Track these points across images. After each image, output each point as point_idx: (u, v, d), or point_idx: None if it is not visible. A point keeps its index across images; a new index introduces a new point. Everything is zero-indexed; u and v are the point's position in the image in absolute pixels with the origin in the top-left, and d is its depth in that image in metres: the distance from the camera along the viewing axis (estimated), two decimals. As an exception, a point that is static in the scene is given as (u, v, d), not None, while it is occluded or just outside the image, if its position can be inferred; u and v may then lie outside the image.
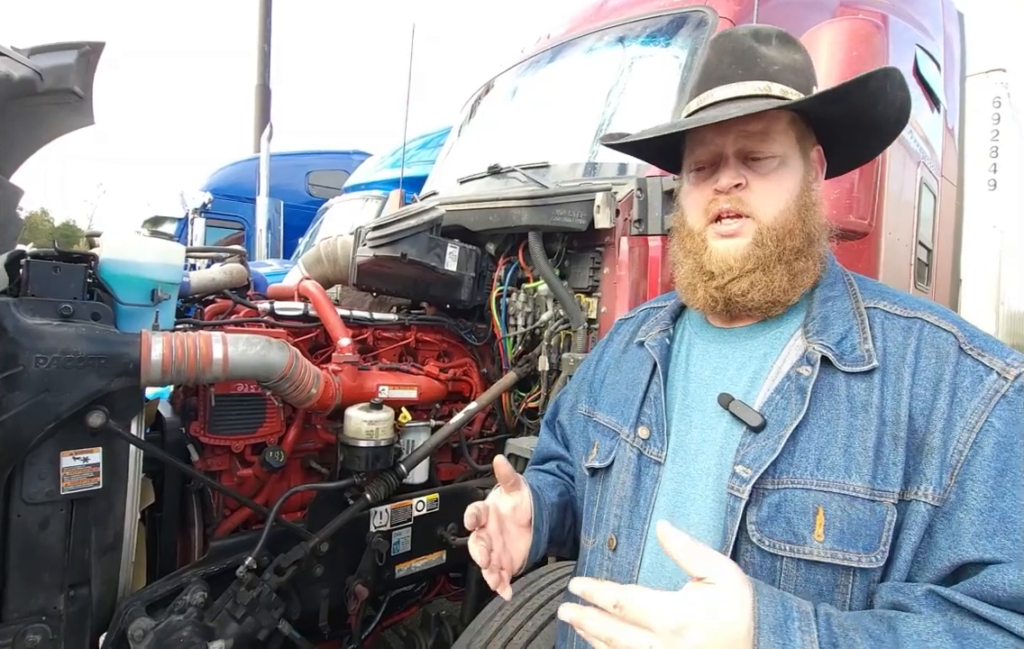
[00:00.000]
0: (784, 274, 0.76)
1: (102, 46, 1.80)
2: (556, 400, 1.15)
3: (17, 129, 1.74)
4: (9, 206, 1.56)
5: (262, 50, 11.51)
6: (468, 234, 2.07)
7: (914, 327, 0.72)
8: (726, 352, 0.82)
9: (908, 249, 3.01)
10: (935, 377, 0.68)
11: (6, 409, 1.05)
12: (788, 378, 0.73)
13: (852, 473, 0.66)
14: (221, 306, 1.70)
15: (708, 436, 0.77)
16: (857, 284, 0.81)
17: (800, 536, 0.66)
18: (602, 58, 2.26)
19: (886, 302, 0.76)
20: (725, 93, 0.79)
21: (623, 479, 0.83)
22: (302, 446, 1.71)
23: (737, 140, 0.77)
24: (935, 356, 0.69)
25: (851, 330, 0.74)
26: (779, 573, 0.67)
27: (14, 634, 1.10)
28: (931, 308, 0.74)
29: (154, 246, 1.33)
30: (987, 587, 0.58)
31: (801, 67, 0.81)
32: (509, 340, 2.02)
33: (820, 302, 0.78)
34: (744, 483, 0.69)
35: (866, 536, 0.64)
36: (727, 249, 0.77)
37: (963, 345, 0.69)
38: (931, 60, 3.22)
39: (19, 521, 1.11)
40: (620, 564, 0.80)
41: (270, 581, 1.40)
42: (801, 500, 0.67)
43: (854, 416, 0.68)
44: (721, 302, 0.79)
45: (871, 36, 1.39)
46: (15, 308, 1.09)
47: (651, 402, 0.84)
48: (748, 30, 0.81)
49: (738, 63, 0.79)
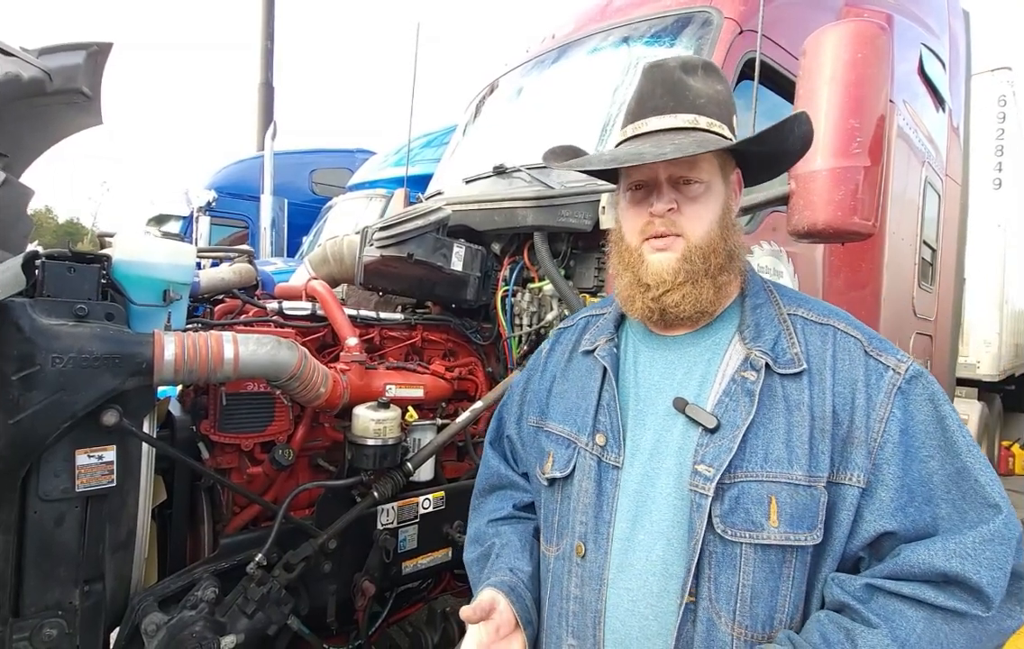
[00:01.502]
0: (710, 287, 0.86)
1: (110, 47, 1.81)
2: (497, 416, 1.17)
3: (26, 129, 1.76)
4: (19, 206, 1.58)
5: (265, 47, 11.51)
6: (473, 234, 2.08)
7: (828, 333, 0.84)
8: (672, 359, 0.90)
9: (912, 249, 3.01)
10: (851, 378, 0.80)
11: (23, 408, 1.07)
12: (734, 382, 0.83)
13: (794, 464, 0.77)
14: (230, 306, 1.72)
15: (664, 438, 0.84)
16: (777, 292, 0.92)
17: (758, 523, 0.76)
18: (607, 58, 2.27)
19: (803, 309, 0.88)
20: (659, 123, 0.87)
21: (585, 486, 0.88)
22: (310, 444, 1.73)
23: (669, 167, 0.86)
24: (848, 359, 0.82)
25: (780, 335, 0.85)
26: (739, 558, 0.76)
27: (31, 628, 1.12)
28: (839, 315, 0.87)
29: (166, 247, 1.35)
30: (905, 566, 0.73)
31: (723, 99, 0.90)
32: (514, 339, 2.04)
33: (751, 310, 0.88)
34: (708, 481, 0.77)
35: (809, 518, 0.76)
36: (660, 262, 0.86)
37: (866, 348, 0.82)
38: (936, 59, 3.22)
39: (35, 518, 1.13)
40: (590, 570, 0.85)
41: (279, 577, 1.42)
42: (756, 492, 0.76)
43: (790, 414, 0.79)
44: (657, 312, 0.87)
45: (876, 38, 1.39)
46: (31, 309, 1.10)
47: (605, 409, 0.90)
48: (678, 62, 0.90)
49: (669, 94, 0.87)
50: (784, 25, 2.09)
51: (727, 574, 0.76)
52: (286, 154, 7.04)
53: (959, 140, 3.79)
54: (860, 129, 1.36)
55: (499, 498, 1.11)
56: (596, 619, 0.83)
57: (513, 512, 1.07)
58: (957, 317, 4.13)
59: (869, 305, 2.62)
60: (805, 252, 2.19)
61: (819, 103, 1.40)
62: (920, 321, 3.21)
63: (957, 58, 3.63)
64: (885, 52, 1.42)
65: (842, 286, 2.42)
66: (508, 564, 0.97)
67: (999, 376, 5.72)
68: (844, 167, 1.37)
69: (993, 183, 5.54)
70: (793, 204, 1.46)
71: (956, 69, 3.62)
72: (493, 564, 0.99)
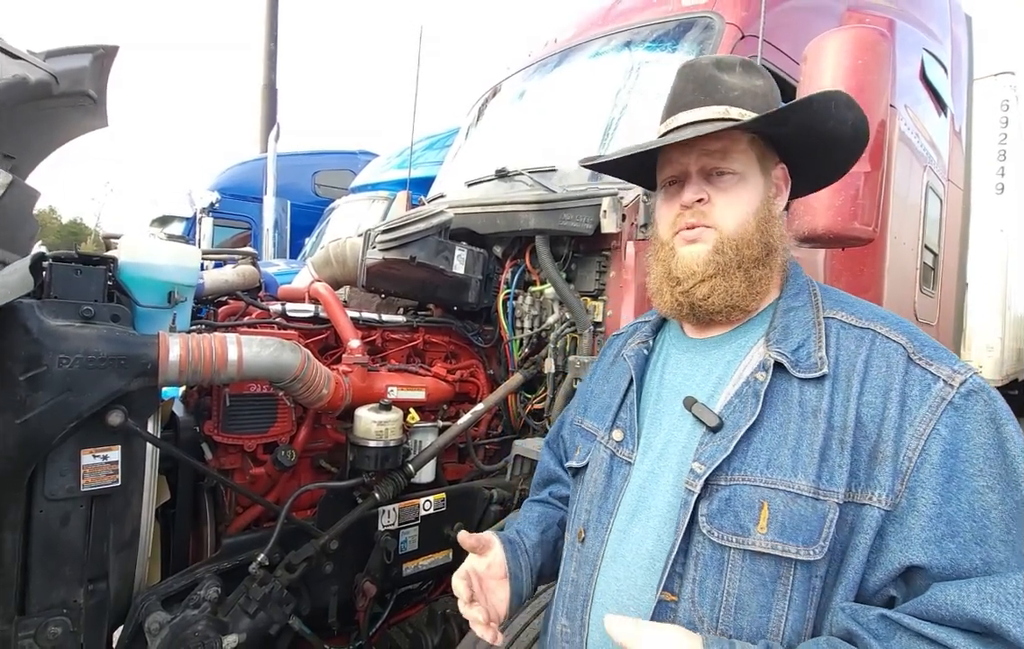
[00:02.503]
0: (742, 280, 0.82)
1: (116, 50, 1.83)
2: (560, 418, 1.20)
3: (33, 132, 1.78)
4: (26, 208, 1.60)
5: (268, 50, 11.56)
6: (475, 237, 2.09)
7: (866, 337, 0.77)
8: (696, 360, 0.88)
9: (914, 254, 3.01)
10: (884, 386, 0.71)
11: (30, 408, 1.08)
12: (747, 383, 0.79)
13: (798, 473, 0.70)
14: (234, 307, 1.73)
15: (673, 437, 0.84)
16: (821, 294, 0.86)
17: (745, 528, 0.71)
18: (609, 62, 2.28)
19: (843, 312, 0.81)
20: (688, 117, 0.86)
21: (595, 477, 0.90)
22: (312, 445, 1.74)
23: (699, 158, 0.83)
24: (885, 365, 0.73)
25: (808, 339, 0.79)
26: (727, 564, 0.72)
27: (36, 626, 1.13)
28: (884, 319, 0.79)
29: (171, 249, 1.36)
30: (932, 606, 0.62)
31: (762, 92, 0.86)
32: (515, 342, 2.04)
33: (783, 312, 0.84)
34: (697, 478, 0.75)
35: (806, 531, 0.68)
36: (691, 254, 0.84)
37: (912, 355, 0.73)
38: (938, 64, 3.22)
39: (41, 517, 1.14)
40: (586, 554, 0.87)
41: (281, 577, 1.43)
42: (748, 495, 0.72)
43: (804, 420, 0.73)
44: (686, 306, 0.85)
45: (877, 44, 1.40)
46: (39, 310, 1.12)
47: (626, 407, 0.91)
48: (711, 60, 0.88)
49: (700, 90, 0.86)
50: (785, 30, 2.10)
51: (713, 578, 0.72)
52: (289, 156, 7.06)
53: (961, 144, 3.79)
54: (860, 135, 1.37)
55: (543, 487, 1.15)
56: (585, 602, 0.85)
57: (548, 499, 1.11)
58: (959, 322, 4.12)
59: (870, 309, 2.62)
60: (806, 257, 2.20)
61: None
62: (922, 325, 3.20)
63: (959, 63, 3.63)
64: (886, 58, 1.43)
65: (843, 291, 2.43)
66: (517, 527, 1.03)
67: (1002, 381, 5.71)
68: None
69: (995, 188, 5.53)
70: (793, 209, 1.46)
71: (958, 74, 3.62)
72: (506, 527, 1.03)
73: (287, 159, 6.79)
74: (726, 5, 2.03)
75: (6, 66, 1.57)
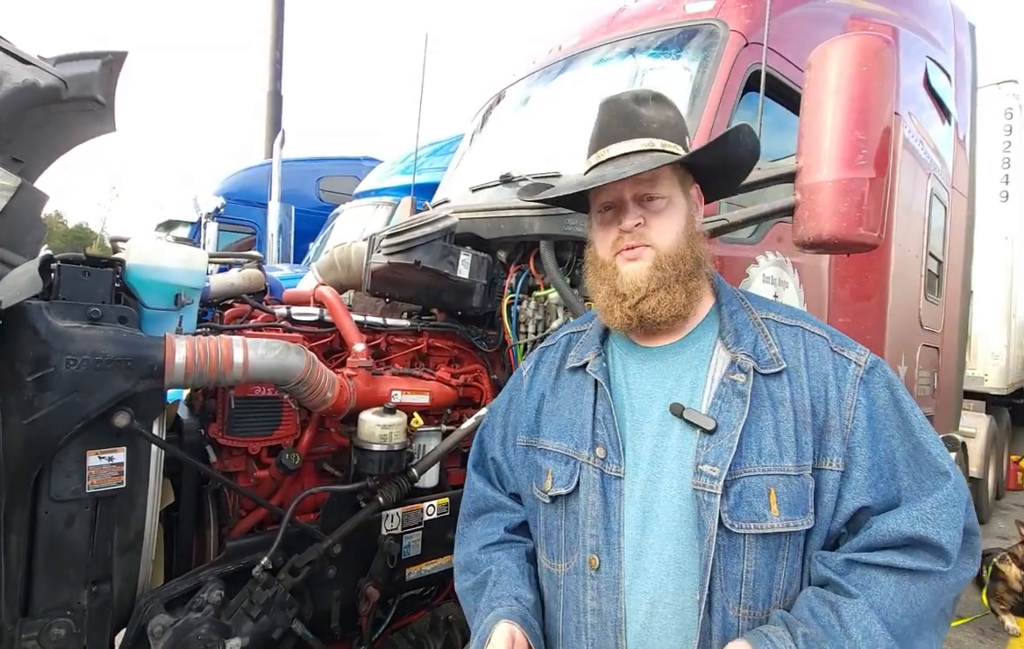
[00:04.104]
0: (682, 292, 0.92)
1: (124, 56, 1.85)
2: (478, 440, 1.20)
3: (42, 136, 1.79)
4: (34, 211, 1.61)
5: (274, 57, 11.65)
6: (480, 242, 2.10)
7: (798, 333, 0.92)
8: (660, 367, 0.95)
9: (918, 261, 3.01)
10: (822, 373, 0.88)
11: (37, 409, 1.08)
12: (724, 384, 0.88)
13: (784, 457, 0.83)
14: (239, 310, 1.74)
15: (663, 443, 0.89)
16: (747, 300, 0.99)
17: (761, 514, 0.82)
18: (613, 69, 2.29)
19: (773, 313, 0.96)
20: (618, 149, 0.95)
21: (592, 500, 0.90)
22: (316, 449, 1.74)
23: (633, 187, 0.93)
24: (817, 356, 0.90)
25: (757, 338, 0.92)
26: (743, 548, 0.82)
27: (40, 627, 1.13)
28: (804, 316, 0.96)
29: (178, 252, 1.36)
30: (876, 537, 0.81)
31: (674, 123, 0.98)
32: (519, 347, 2.04)
33: (728, 316, 0.95)
34: (715, 480, 0.82)
35: (802, 504, 0.83)
36: (633, 270, 0.93)
37: (831, 345, 0.91)
38: (942, 72, 3.23)
39: (46, 518, 1.14)
40: (607, 581, 0.88)
41: (285, 581, 1.42)
42: (756, 485, 0.82)
43: (776, 410, 0.86)
44: (636, 319, 0.93)
45: (881, 50, 1.40)
46: (47, 311, 1.12)
47: (601, 422, 0.94)
48: (630, 95, 0.99)
49: (624, 123, 0.96)
50: (790, 38, 2.11)
51: (733, 563, 0.82)
52: (294, 161, 7.10)
53: (965, 152, 3.79)
54: (865, 141, 1.37)
55: (488, 522, 1.10)
56: (616, 628, 0.86)
57: (505, 535, 1.07)
58: (964, 329, 4.11)
59: (875, 316, 2.62)
60: (811, 263, 2.20)
61: (824, 115, 1.41)
62: (926, 333, 3.20)
63: (963, 71, 3.64)
64: (890, 65, 1.43)
65: (848, 297, 2.42)
66: (511, 592, 0.97)
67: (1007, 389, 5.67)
68: (849, 179, 1.38)
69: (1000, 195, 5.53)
70: (798, 215, 1.46)
71: (962, 82, 3.63)
72: (491, 592, 0.98)
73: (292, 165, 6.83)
74: (730, 13, 2.04)
75: (16, 71, 1.59)
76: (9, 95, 1.56)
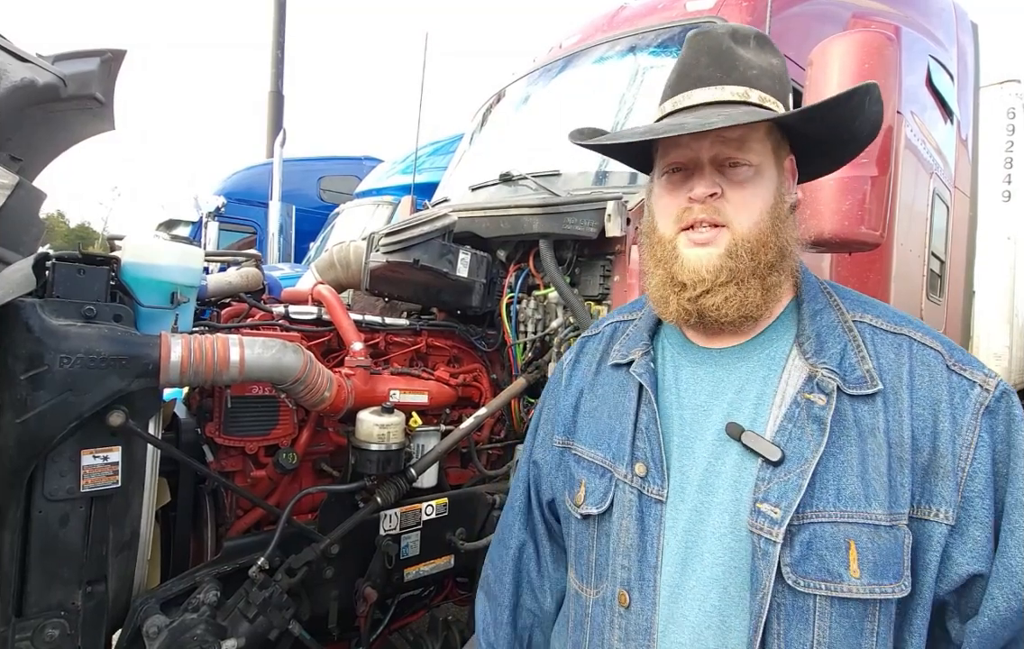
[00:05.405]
0: (758, 288, 0.74)
1: (123, 54, 1.84)
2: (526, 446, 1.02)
3: (40, 134, 1.79)
4: (32, 209, 1.61)
5: (276, 57, 11.66)
6: (479, 241, 2.09)
7: (903, 344, 0.73)
8: (720, 375, 0.77)
9: (920, 261, 2.99)
10: (932, 398, 0.69)
11: (31, 407, 1.08)
12: (797, 404, 0.71)
13: (872, 501, 0.65)
14: (237, 309, 1.73)
15: (716, 468, 0.73)
16: (837, 295, 0.80)
17: (836, 573, 0.65)
18: (613, 67, 2.28)
19: (871, 315, 0.76)
20: (704, 96, 0.76)
21: (626, 525, 0.76)
22: (314, 449, 1.73)
23: (714, 146, 0.74)
24: (928, 375, 0.70)
25: (846, 348, 0.73)
26: (812, 612, 0.65)
27: (33, 628, 1.12)
28: (913, 323, 0.76)
29: (174, 250, 1.36)
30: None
31: (778, 73, 0.79)
32: (519, 346, 2.03)
33: (809, 317, 0.76)
34: (775, 525, 0.66)
35: (894, 565, 0.65)
36: (699, 258, 0.74)
37: (948, 362, 0.71)
38: (944, 71, 3.21)
39: (40, 517, 1.13)
40: (637, 623, 0.74)
41: (282, 582, 1.41)
42: (831, 535, 0.65)
43: (863, 441, 0.68)
44: (695, 315, 0.76)
45: (883, 48, 1.39)
46: (41, 309, 1.11)
47: (643, 434, 0.78)
48: (726, 30, 0.79)
49: (716, 65, 0.76)
50: (791, 36, 2.10)
51: (798, 630, 0.65)
52: (294, 161, 7.10)
53: (968, 152, 3.77)
54: (867, 139, 1.36)
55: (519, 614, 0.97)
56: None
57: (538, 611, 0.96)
58: (966, 330, 4.09)
59: (877, 316, 2.60)
60: (811, 261, 2.17)
61: None
62: (929, 333, 3.18)
63: (965, 70, 3.62)
64: (892, 62, 1.42)
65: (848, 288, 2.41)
66: None
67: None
68: (851, 177, 1.37)
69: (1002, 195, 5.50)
70: (799, 213, 1.45)
71: (964, 81, 3.61)
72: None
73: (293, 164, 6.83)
74: (731, 10, 2.03)
75: (14, 69, 1.59)
76: (8, 93, 1.56)
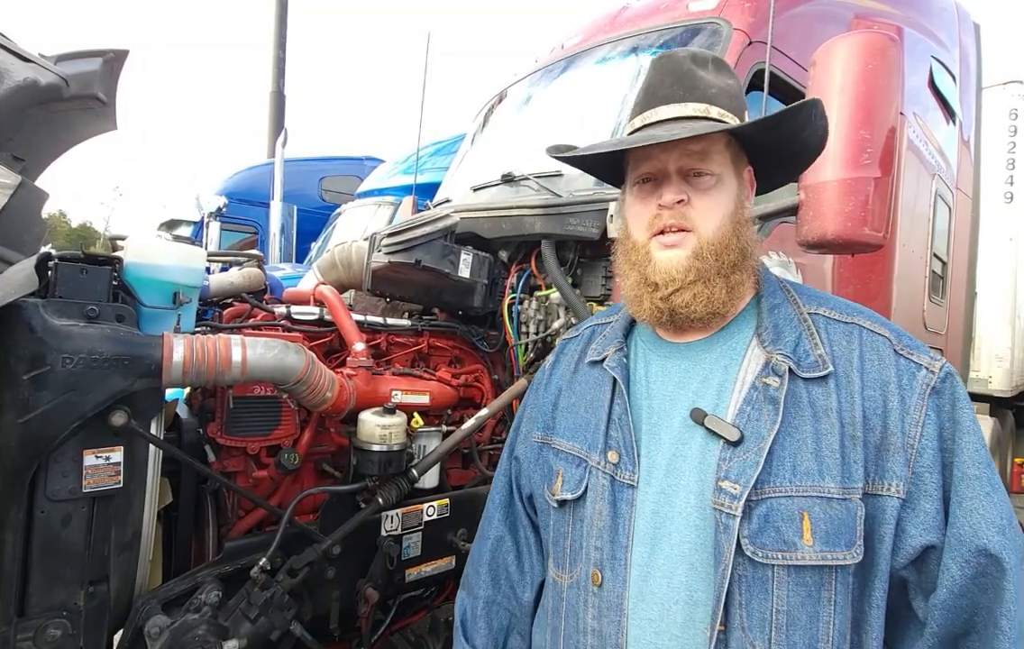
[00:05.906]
0: (723, 286, 0.81)
1: (126, 54, 1.84)
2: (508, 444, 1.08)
3: (43, 134, 1.79)
4: (34, 209, 1.61)
5: (277, 57, 11.67)
6: (481, 241, 2.09)
7: (854, 332, 0.79)
8: (686, 366, 0.84)
9: (922, 262, 2.99)
10: (881, 379, 0.75)
11: (33, 407, 1.08)
12: (755, 388, 0.77)
13: (825, 476, 0.71)
14: (239, 309, 1.73)
15: (682, 452, 0.79)
16: (795, 291, 0.87)
17: (791, 543, 0.70)
18: (616, 68, 2.28)
19: (825, 307, 0.83)
20: (669, 112, 0.83)
21: (599, 508, 0.82)
22: (316, 449, 1.73)
23: (680, 158, 0.81)
24: (877, 359, 0.77)
25: (801, 336, 0.80)
26: (771, 582, 0.70)
27: (35, 628, 1.12)
28: (864, 313, 0.83)
29: (176, 250, 1.36)
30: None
31: (735, 92, 0.86)
32: (520, 347, 2.03)
33: (768, 311, 0.83)
34: (735, 499, 0.71)
35: (846, 534, 0.70)
36: (669, 260, 0.81)
37: (896, 347, 0.78)
38: (946, 72, 3.21)
39: (42, 517, 1.13)
40: (608, 600, 0.79)
41: (283, 582, 1.41)
42: (786, 508, 0.71)
43: (818, 421, 0.74)
44: (666, 313, 0.82)
45: (886, 49, 1.38)
46: (43, 309, 1.11)
47: (616, 424, 0.84)
48: (687, 53, 0.87)
49: (679, 84, 0.84)
50: (794, 36, 2.09)
51: (759, 599, 0.70)
52: (296, 161, 7.10)
53: (970, 153, 3.77)
54: (870, 140, 1.36)
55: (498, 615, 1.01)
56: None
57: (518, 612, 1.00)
58: (968, 331, 4.08)
59: (879, 318, 2.59)
60: (814, 263, 2.18)
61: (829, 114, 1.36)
62: (931, 335, 3.17)
63: (968, 71, 3.62)
64: (895, 63, 1.41)
65: (851, 298, 2.37)
66: None
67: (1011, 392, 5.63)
68: (854, 178, 1.36)
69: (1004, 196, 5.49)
70: (802, 215, 1.45)
71: (967, 82, 3.61)
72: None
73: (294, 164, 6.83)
74: (734, 11, 2.03)
75: (17, 69, 1.59)
76: (10, 93, 1.56)
